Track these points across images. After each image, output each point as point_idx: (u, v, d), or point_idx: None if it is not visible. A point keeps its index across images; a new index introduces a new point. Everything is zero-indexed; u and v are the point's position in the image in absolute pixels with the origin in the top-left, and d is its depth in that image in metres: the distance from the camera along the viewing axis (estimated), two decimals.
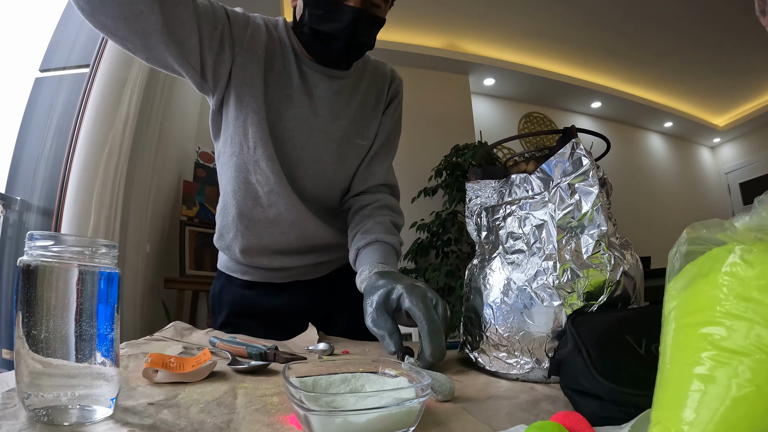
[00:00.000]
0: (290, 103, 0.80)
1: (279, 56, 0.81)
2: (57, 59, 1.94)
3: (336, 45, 0.75)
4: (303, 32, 0.78)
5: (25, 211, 1.75)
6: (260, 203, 0.83)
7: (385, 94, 0.92)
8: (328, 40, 0.75)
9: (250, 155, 0.80)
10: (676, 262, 0.32)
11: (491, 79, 4.02)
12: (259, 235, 0.86)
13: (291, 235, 0.86)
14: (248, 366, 0.54)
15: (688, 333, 0.28)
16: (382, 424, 0.33)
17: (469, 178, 0.73)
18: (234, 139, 0.80)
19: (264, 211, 0.83)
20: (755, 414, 0.24)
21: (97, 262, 0.36)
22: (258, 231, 0.86)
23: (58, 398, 0.33)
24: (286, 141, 0.80)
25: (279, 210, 0.83)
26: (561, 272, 0.55)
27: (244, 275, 0.92)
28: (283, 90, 0.80)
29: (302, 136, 0.81)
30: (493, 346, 0.59)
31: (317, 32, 0.75)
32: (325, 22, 0.74)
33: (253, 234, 0.86)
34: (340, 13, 0.72)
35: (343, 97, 0.85)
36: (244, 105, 0.78)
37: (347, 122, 0.85)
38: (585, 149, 0.59)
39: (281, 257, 0.89)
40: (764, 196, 0.28)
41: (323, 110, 0.83)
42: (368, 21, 0.74)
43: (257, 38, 0.78)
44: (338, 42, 0.75)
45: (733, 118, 4.92)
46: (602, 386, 0.39)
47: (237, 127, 0.79)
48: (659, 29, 3.42)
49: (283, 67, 0.81)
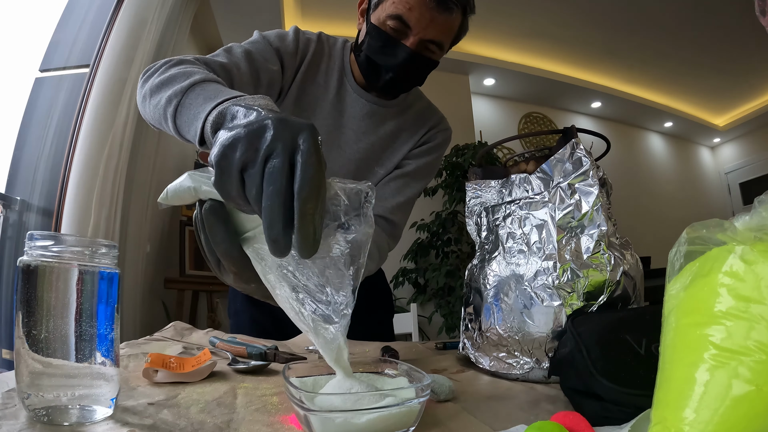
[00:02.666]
0: (318, 113, 0.82)
1: (323, 70, 0.83)
2: (57, 59, 1.94)
3: (385, 77, 0.78)
4: (360, 54, 0.80)
5: (25, 211, 1.75)
6: None
7: (421, 134, 0.90)
8: (380, 71, 0.77)
9: None
10: (676, 262, 0.32)
11: (491, 79, 4.02)
12: None
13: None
14: (248, 366, 0.54)
15: (688, 333, 0.28)
16: (382, 424, 0.33)
17: (469, 178, 0.73)
18: None
19: None
20: (755, 414, 0.24)
21: (97, 262, 0.36)
22: None
23: (58, 398, 0.33)
24: None
25: None
26: (561, 272, 0.55)
27: None
28: (317, 101, 0.82)
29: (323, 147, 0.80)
30: (493, 346, 0.59)
31: (371, 61, 0.78)
32: (380, 55, 0.76)
33: None
34: (396, 50, 0.74)
35: (373, 122, 0.85)
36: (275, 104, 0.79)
37: (370, 146, 0.85)
38: (585, 149, 0.59)
39: None
40: (764, 196, 0.28)
41: (349, 129, 0.84)
42: (420, 63, 0.76)
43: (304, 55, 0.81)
44: (388, 75, 0.77)
45: (733, 118, 4.92)
46: (602, 386, 0.39)
47: None
48: (659, 29, 3.42)
49: (324, 80, 0.82)
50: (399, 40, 0.74)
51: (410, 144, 0.89)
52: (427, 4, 0.71)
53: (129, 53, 1.99)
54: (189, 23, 2.64)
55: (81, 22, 2.03)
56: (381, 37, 0.75)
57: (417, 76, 0.80)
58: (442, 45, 0.77)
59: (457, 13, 0.75)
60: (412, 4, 0.71)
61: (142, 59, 2.03)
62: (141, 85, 0.60)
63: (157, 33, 2.14)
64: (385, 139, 0.86)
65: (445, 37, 0.77)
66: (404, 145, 0.89)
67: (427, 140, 0.90)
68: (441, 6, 0.71)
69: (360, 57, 0.80)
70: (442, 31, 0.75)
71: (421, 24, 0.73)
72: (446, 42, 0.78)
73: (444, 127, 0.94)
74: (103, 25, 1.98)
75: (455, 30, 0.78)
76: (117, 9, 2.02)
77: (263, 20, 3.00)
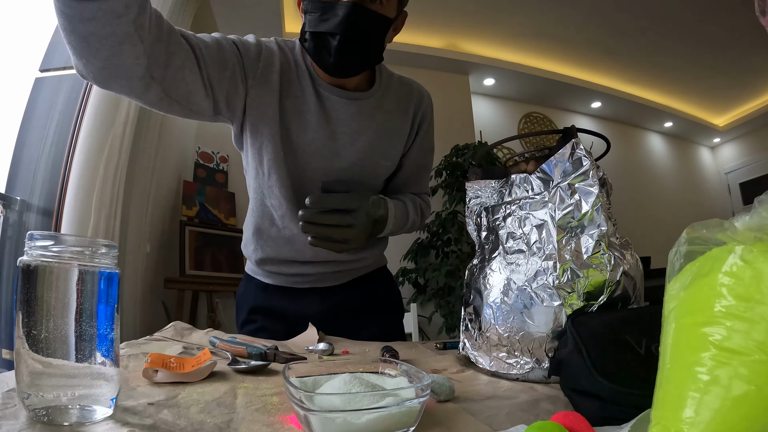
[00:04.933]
0: (307, 128, 0.79)
1: (295, 81, 0.79)
2: (57, 59, 1.93)
3: (333, 44, 0.70)
4: (306, 41, 0.75)
5: (25, 211, 1.75)
6: (275, 224, 0.85)
7: (412, 115, 0.89)
8: (325, 40, 0.71)
9: (265, 181, 0.81)
10: (676, 262, 0.32)
11: (491, 79, 4.02)
12: (276, 250, 0.88)
13: (307, 253, 0.86)
14: (248, 366, 0.54)
15: (688, 333, 0.28)
16: (382, 424, 0.33)
17: (469, 178, 0.73)
18: (251, 163, 0.82)
19: (279, 231, 0.85)
20: (755, 414, 0.24)
21: (97, 262, 0.36)
22: (275, 246, 0.88)
23: (58, 398, 0.33)
24: (304, 167, 0.80)
25: (293, 232, 0.83)
26: (561, 272, 0.55)
27: (266, 278, 0.93)
28: (301, 115, 0.79)
29: (320, 161, 0.80)
30: (493, 346, 0.59)
31: (315, 35, 0.72)
32: (321, 23, 0.70)
33: (271, 248, 0.88)
34: (335, 8, 0.69)
35: (363, 118, 0.82)
36: (259, 134, 0.78)
37: (368, 144, 0.83)
38: (585, 149, 0.59)
39: (299, 266, 0.90)
40: (764, 196, 0.29)
41: (342, 134, 0.81)
42: (367, 17, 0.70)
43: (271, 66, 0.77)
44: (334, 39, 0.70)
45: (733, 118, 4.92)
46: (602, 386, 0.39)
47: (253, 153, 0.81)
48: (659, 29, 3.42)
49: (300, 91, 0.79)
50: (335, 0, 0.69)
51: (407, 127, 0.88)
52: None
53: None
54: (189, 23, 2.64)
55: None
56: (317, 5, 0.70)
57: (370, 37, 0.72)
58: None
59: None
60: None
61: None
62: None
63: None
64: (380, 131, 0.84)
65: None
66: (402, 129, 0.88)
67: (422, 119, 0.90)
68: None
69: (306, 41, 0.73)
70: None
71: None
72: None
73: (425, 94, 0.92)
74: None
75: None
76: None
77: (263, 20, 3.00)
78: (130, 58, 0.58)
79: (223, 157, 3.27)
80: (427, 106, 0.92)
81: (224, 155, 3.28)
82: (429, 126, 0.93)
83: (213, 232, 2.86)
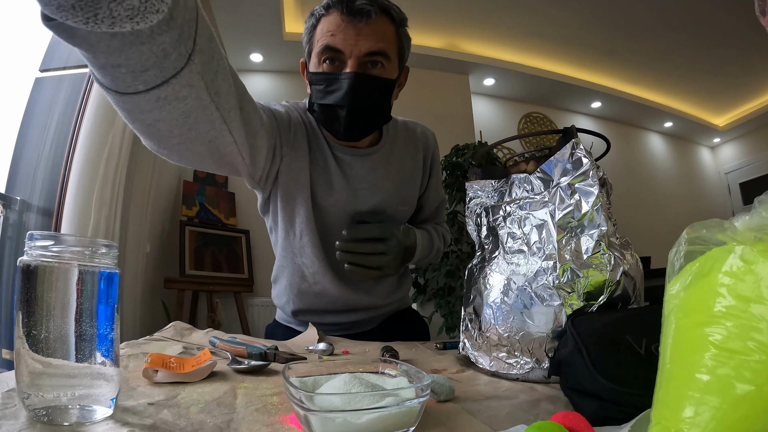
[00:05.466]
0: (331, 189, 0.82)
1: (316, 146, 0.82)
2: (57, 59, 1.93)
3: (341, 114, 0.72)
4: (314, 111, 0.77)
5: (25, 211, 1.75)
6: (306, 280, 0.87)
7: (422, 158, 0.93)
8: (334, 112, 0.73)
9: (297, 241, 0.84)
10: (676, 262, 0.32)
11: (491, 79, 4.02)
12: (309, 302, 0.91)
13: (338, 303, 0.89)
14: (248, 366, 0.54)
15: (688, 333, 0.28)
16: (382, 424, 0.33)
17: (469, 178, 0.73)
18: (281, 225, 0.85)
19: (311, 286, 0.88)
20: (755, 414, 0.24)
21: (97, 262, 0.36)
22: (308, 299, 0.90)
23: (58, 398, 0.33)
24: (331, 226, 0.83)
25: (324, 287, 0.87)
26: (561, 272, 0.55)
27: (299, 327, 0.95)
28: (325, 178, 0.82)
29: (345, 218, 0.84)
30: (493, 346, 0.59)
31: (323, 107, 0.74)
32: (327, 95, 0.72)
33: (302, 301, 0.91)
34: (339, 80, 0.71)
35: (378, 171, 0.86)
36: (291, 198, 0.81)
37: (387, 195, 0.87)
38: (585, 149, 0.59)
39: (331, 315, 0.92)
40: (764, 196, 0.28)
41: (362, 189, 0.85)
42: (370, 82, 0.72)
43: (299, 134, 0.80)
44: (342, 111, 0.72)
45: (733, 118, 4.92)
46: (602, 386, 0.39)
47: (284, 216, 0.83)
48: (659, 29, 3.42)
49: (321, 155, 0.82)
50: (338, 72, 0.72)
51: (420, 170, 0.93)
52: (344, 20, 0.69)
53: None
54: None
55: None
56: (321, 77, 0.72)
57: (375, 99, 0.74)
58: (384, 53, 0.72)
59: (379, 16, 0.71)
60: (332, 29, 0.70)
61: None
62: None
63: None
64: (396, 181, 0.88)
65: (383, 43, 0.72)
66: (414, 174, 0.92)
67: (432, 163, 0.95)
68: (356, 14, 0.69)
69: (315, 113, 0.77)
70: (375, 39, 0.71)
71: (348, 41, 0.70)
72: (388, 49, 0.73)
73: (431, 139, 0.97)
74: None
75: (391, 36, 0.74)
76: None
77: (263, 20, 3.00)
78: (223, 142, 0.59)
79: None
80: (434, 147, 0.97)
81: None
82: (438, 164, 0.98)
83: (213, 232, 2.86)
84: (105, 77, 0.42)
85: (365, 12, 0.69)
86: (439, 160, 0.99)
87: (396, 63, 0.77)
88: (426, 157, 0.94)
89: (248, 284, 2.89)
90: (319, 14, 0.73)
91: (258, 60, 3.44)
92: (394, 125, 0.92)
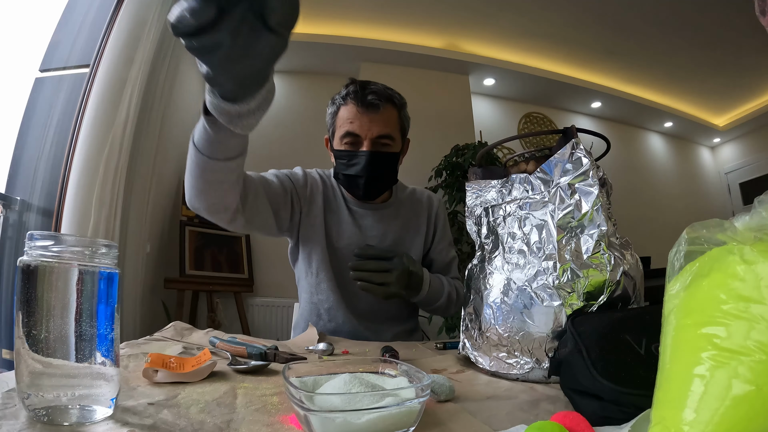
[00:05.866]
0: (344, 233, 1.00)
1: (333, 200, 1.02)
2: (57, 59, 1.93)
3: (361, 182, 0.94)
4: (338, 177, 0.99)
5: (25, 211, 1.75)
6: (322, 318, 1.00)
7: (426, 218, 1.08)
8: (356, 179, 0.94)
9: (314, 280, 0.99)
10: (676, 262, 0.32)
11: (491, 79, 4.01)
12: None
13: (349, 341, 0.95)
14: (248, 366, 0.54)
15: (688, 333, 0.28)
16: (381, 424, 0.33)
17: (469, 178, 0.73)
18: (302, 268, 1.02)
19: (326, 324, 0.99)
20: (755, 414, 0.24)
21: (97, 262, 0.36)
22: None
23: (58, 398, 0.33)
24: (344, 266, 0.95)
25: (338, 322, 0.98)
26: (561, 272, 0.55)
27: None
28: (339, 226, 1.00)
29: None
30: (493, 346, 0.59)
31: (345, 176, 0.96)
32: (348, 167, 0.94)
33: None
34: (358, 157, 0.92)
35: (385, 223, 1.03)
36: (309, 242, 0.99)
37: (392, 242, 1.02)
38: (585, 149, 0.59)
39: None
40: (764, 196, 0.29)
41: (371, 236, 1.01)
42: (381, 157, 0.93)
43: (315, 189, 1.01)
44: (361, 179, 0.94)
45: (733, 118, 4.92)
46: (602, 386, 0.39)
47: (304, 258, 1.01)
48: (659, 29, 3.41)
49: (337, 207, 1.02)
50: (357, 149, 0.93)
51: (424, 227, 1.07)
52: (360, 111, 0.91)
53: (129, 53, 1.99)
54: None
55: (81, 22, 2.03)
56: (344, 154, 0.94)
57: (385, 170, 0.96)
58: (391, 136, 0.94)
59: (386, 107, 0.93)
60: (351, 118, 0.92)
61: (142, 59, 2.02)
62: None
63: (157, 33, 2.14)
64: (401, 232, 1.04)
65: (389, 128, 0.93)
66: (419, 230, 1.07)
67: (436, 222, 1.10)
68: (369, 107, 0.91)
69: (339, 179, 0.99)
70: (383, 125, 0.92)
71: (363, 128, 0.91)
72: (393, 132, 0.94)
73: (435, 201, 1.12)
74: (103, 25, 1.98)
75: (395, 121, 0.95)
76: (117, 9, 2.02)
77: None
78: (231, 197, 0.77)
79: None
80: (437, 208, 1.11)
81: None
82: (444, 222, 1.12)
83: (213, 232, 2.86)
84: (208, 149, 0.65)
85: (374, 105, 0.91)
86: (446, 218, 1.13)
87: (399, 139, 0.97)
88: (430, 216, 1.09)
89: (248, 284, 2.89)
90: (339, 103, 0.95)
91: None
92: (404, 190, 1.11)
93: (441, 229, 1.10)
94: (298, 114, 3.56)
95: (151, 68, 2.10)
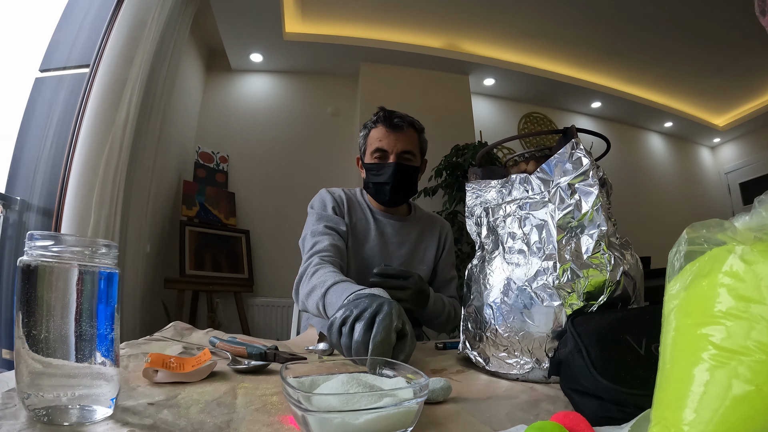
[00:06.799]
0: (369, 240, 1.17)
1: (359, 211, 1.20)
2: (57, 59, 1.94)
3: (387, 188, 1.13)
4: (369, 186, 1.16)
5: (25, 211, 1.75)
6: None
7: (438, 235, 1.26)
8: (382, 186, 1.13)
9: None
10: (676, 262, 0.32)
11: (491, 79, 4.01)
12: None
13: None
14: (248, 366, 0.54)
15: (688, 333, 0.28)
16: (380, 424, 0.33)
17: (469, 178, 0.73)
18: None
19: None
20: (755, 414, 0.23)
21: (97, 262, 0.36)
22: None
23: (58, 398, 0.33)
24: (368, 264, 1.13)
25: None
26: (561, 272, 0.55)
27: None
28: (364, 233, 1.18)
29: (377, 259, 1.16)
30: (493, 346, 0.59)
31: (375, 183, 1.14)
32: (377, 176, 1.13)
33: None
34: (386, 167, 1.12)
35: (403, 234, 1.21)
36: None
37: (409, 251, 1.20)
38: (585, 149, 0.59)
39: None
40: (764, 196, 0.28)
41: (391, 243, 1.19)
42: (405, 169, 1.12)
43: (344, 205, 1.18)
44: (387, 186, 1.12)
45: (733, 118, 4.91)
46: (602, 386, 0.39)
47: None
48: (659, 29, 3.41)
49: (363, 216, 1.20)
50: (385, 161, 1.12)
51: (435, 243, 1.25)
52: (388, 131, 1.12)
53: (129, 53, 1.99)
54: (189, 23, 2.64)
55: (81, 22, 2.03)
56: (374, 166, 1.14)
57: (408, 180, 1.14)
58: (412, 152, 1.14)
59: (409, 129, 1.14)
60: (380, 137, 1.12)
61: (142, 59, 2.02)
62: (296, 290, 0.95)
63: (157, 33, 2.14)
64: (416, 243, 1.22)
65: (411, 146, 1.13)
66: (431, 244, 1.24)
67: (445, 241, 1.28)
68: (395, 128, 1.12)
69: (369, 188, 1.17)
70: (407, 143, 1.12)
71: (390, 144, 1.12)
72: (414, 149, 1.14)
73: (446, 226, 1.31)
74: (103, 25, 1.98)
75: (416, 141, 1.16)
76: (117, 9, 2.02)
77: (263, 21, 3.00)
78: None
79: (223, 157, 3.27)
80: (448, 231, 1.30)
81: (224, 155, 3.28)
82: (451, 245, 1.29)
83: (213, 232, 2.86)
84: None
85: (399, 126, 1.12)
86: (452, 244, 1.30)
87: (419, 157, 1.17)
88: (441, 234, 1.27)
89: (248, 284, 2.89)
90: (371, 126, 1.16)
91: (258, 60, 3.44)
92: (422, 211, 1.31)
93: (448, 250, 1.29)
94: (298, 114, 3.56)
95: (151, 68, 2.10)
